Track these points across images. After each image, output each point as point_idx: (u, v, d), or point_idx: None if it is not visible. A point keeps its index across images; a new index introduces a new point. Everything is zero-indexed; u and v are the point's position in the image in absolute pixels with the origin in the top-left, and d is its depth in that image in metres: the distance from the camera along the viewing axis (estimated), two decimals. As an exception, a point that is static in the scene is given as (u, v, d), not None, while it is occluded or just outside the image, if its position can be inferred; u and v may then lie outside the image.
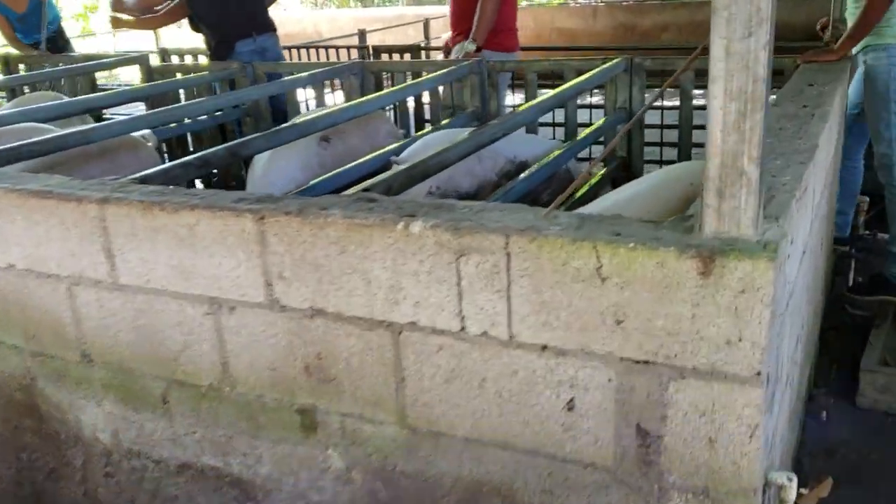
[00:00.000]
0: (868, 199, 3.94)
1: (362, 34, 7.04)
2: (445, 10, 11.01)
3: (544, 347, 1.30)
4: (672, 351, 1.20)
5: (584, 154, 3.83)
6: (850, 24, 2.93)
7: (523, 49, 4.54)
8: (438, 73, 3.58)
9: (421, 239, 1.33)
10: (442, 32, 9.63)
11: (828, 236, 2.74)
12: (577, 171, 3.23)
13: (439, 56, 4.82)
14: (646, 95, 3.38)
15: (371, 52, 5.60)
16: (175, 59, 6.07)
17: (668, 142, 3.69)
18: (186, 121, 4.20)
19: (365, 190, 1.80)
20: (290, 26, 9.93)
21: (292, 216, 1.44)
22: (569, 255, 1.23)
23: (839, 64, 2.84)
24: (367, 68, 3.96)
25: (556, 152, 2.91)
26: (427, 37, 8.86)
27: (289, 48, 5.86)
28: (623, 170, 3.44)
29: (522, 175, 2.64)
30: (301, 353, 1.53)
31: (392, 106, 4.12)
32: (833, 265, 3.37)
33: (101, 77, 6.42)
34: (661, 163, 3.68)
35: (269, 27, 4.65)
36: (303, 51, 6.05)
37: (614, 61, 3.28)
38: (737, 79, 1.08)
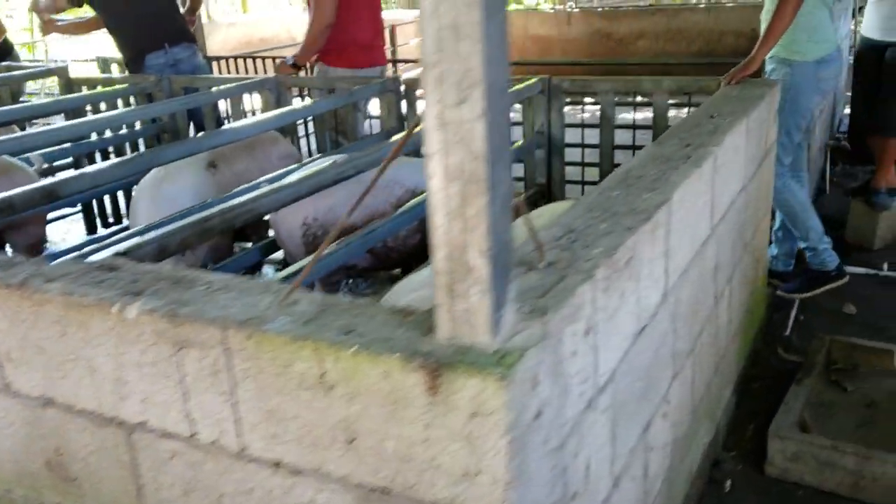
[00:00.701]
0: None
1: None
2: (412, 15, 10.82)
3: (277, 464, 1.09)
4: (408, 480, 0.99)
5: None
6: (762, 30, 2.76)
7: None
8: (356, 89, 3.37)
9: (138, 326, 1.12)
10: (411, 39, 9.44)
11: (747, 278, 2.53)
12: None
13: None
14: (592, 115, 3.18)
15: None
16: (115, 69, 5.87)
17: (589, 162, 3.49)
18: (94, 137, 4.02)
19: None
20: (264, 28, 9.74)
21: (13, 289, 1.23)
22: (291, 357, 1.02)
23: (761, 83, 2.64)
24: (282, 84, 3.75)
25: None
26: (393, 43, 8.65)
27: (225, 58, 5.66)
28: (543, 197, 3.23)
29: (399, 211, 2.42)
30: (40, 445, 1.32)
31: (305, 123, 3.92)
32: (770, 302, 3.16)
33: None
34: (582, 184, 3.48)
35: (184, 37, 4.42)
36: (248, 61, 5.83)
37: (529, 82, 3.07)
38: (454, 154, 0.87)
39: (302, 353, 1.01)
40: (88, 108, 4.08)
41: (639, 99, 3.19)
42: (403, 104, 3.48)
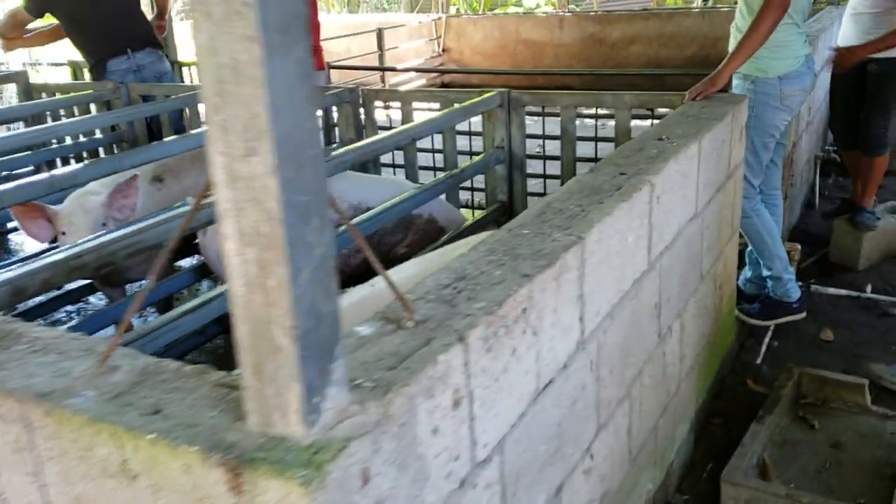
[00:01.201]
0: (799, 246, 3.60)
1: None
2: (404, 18, 10.70)
3: (89, 555, 0.95)
4: (220, 586, 0.85)
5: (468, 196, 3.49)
6: (732, 45, 2.61)
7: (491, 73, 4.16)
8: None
9: (-60, 394, 0.99)
10: (402, 42, 9.31)
11: (705, 309, 2.39)
12: (450, 217, 2.89)
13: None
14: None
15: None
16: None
17: (551, 174, 3.35)
18: (55, 144, 3.91)
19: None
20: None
21: None
22: (92, 440, 0.88)
23: (726, 99, 2.49)
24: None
25: (403, 196, 2.54)
26: (381, 48, 8.52)
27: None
28: (504, 215, 3.09)
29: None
30: None
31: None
32: (742, 329, 3.02)
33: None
34: (545, 178, 3.35)
35: (148, 42, 4.29)
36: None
37: (487, 95, 2.93)
38: (248, 215, 0.73)
39: (101, 436, 0.87)
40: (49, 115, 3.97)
41: (602, 112, 3.05)
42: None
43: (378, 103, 3.36)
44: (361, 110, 3.35)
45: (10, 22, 4.17)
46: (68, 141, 4.11)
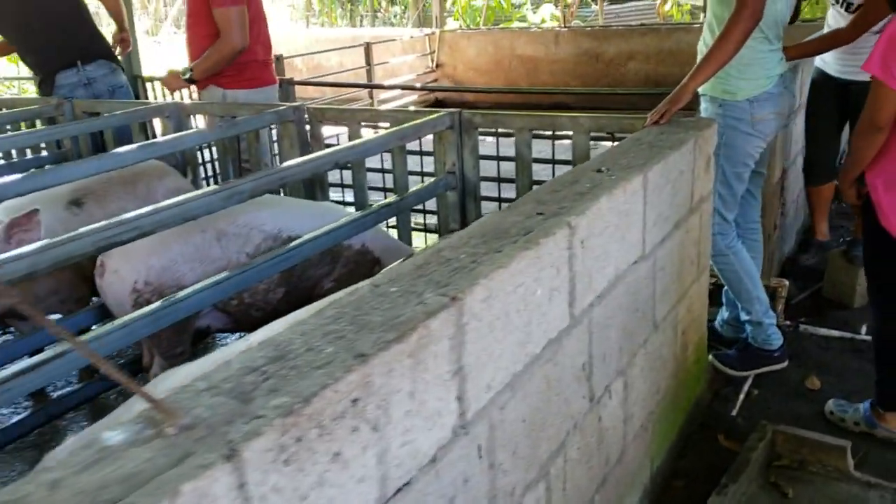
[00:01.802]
0: (787, 282, 3.34)
1: (278, 59, 6.52)
2: (398, 33, 10.51)
3: None
4: None
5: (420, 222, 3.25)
6: (699, 58, 2.35)
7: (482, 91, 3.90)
8: (248, 117, 3.02)
9: None
10: (395, 57, 9.13)
11: (662, 360, 2.13)
12: (388, 247, 2.65)
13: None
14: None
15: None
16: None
17: (506, 198, 3.11)
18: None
19: None
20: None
21: None
22: None
23: (690, 124, 2.24)
24: (182, 110, 3.41)
25: (331, 225, 2.29)
26: (369, 62, 8.33)
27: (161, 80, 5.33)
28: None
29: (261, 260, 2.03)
30: None
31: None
32: (710, 378, 2.75)
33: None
34: (499, 202, 3.11)
35: (100, 55, 4.10)
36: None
37: (435, 115, 2.69)
38: None
39: None
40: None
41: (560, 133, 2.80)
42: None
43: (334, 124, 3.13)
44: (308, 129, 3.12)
45: None
46: (14, 156, 3.92)
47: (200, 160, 3.74)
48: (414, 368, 1.03)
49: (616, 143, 2.09)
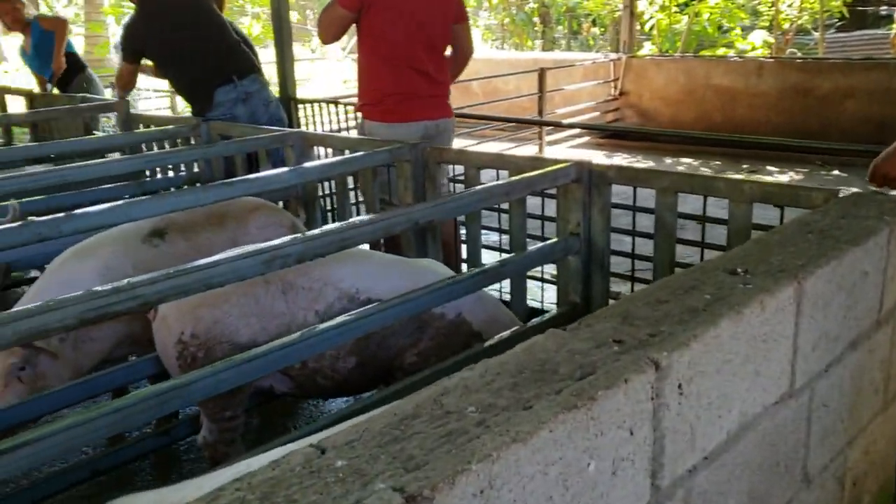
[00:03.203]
0: None
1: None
2: (579, 56, 10.07)
3: None
4: None
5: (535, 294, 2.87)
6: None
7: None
8: (354, 155, 2.81)
9: None
10: (576, 82, 8.75)
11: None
12: (490, 319, 2.30)
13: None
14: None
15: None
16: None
17: (640, 277, 2.65)
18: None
19: None
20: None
21: None
22: None
23: (887, 206, 1.71)
24: (305, 140, 3.26)
25: (419, 291, 1.97)
26: (542, 89, 8.00)
27: (311, 102, 5.32)
28: (576, 319, 2.42)
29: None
30: None
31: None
32: None
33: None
34: (632, 281, 2.65)
35: (252, 69, 4.18)
36: (333, 106, 5.44)
37: (560, 165, 2.31)
38: None
39: None
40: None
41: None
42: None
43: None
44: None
45: (123, 81, 4.18)
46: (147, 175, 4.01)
47: (321, 193, 3.59)
48: None
49: (771, 230, 1.61)
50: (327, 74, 16.16)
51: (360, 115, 3.49)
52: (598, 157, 7.25)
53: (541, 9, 18.39)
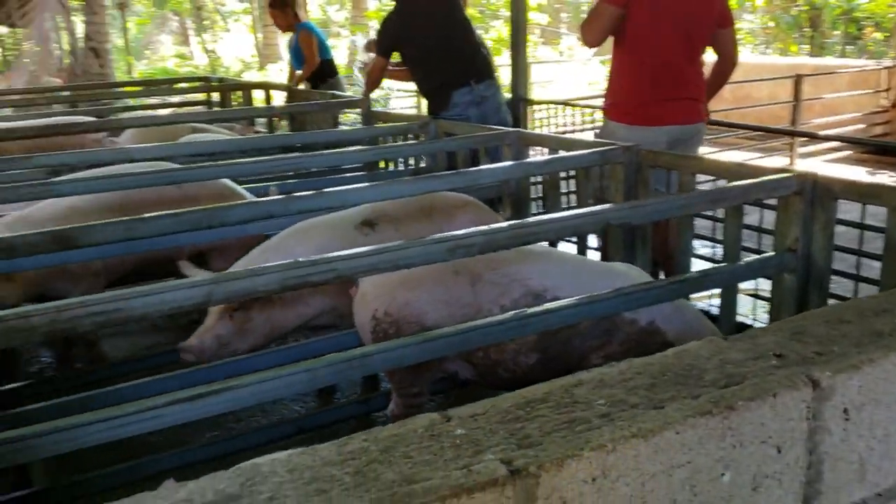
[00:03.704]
0: None
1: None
2: (836, 63, 9.16)
3: None
4: None
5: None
6: None
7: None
8: (562, 155, 2.85)
9: None
10: (833, 91, 8.08)
11: None
12: (687, 331, 2.24)
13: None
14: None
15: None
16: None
17: (866, 277, 2.39)
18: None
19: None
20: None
21: None
22: None
23: None
24: (522, 140, 3.35)
25: (607, 293, 1.96)
26: (797, 97, 7.44)
27: (538, 103, 5.38)
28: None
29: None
30: None
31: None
32: None
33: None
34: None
35: (489, 74, 4.39)
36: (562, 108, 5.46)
37: (778, 176, 2.18)
38: None
39: None
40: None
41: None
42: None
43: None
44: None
45: (374, 76, 4.56)
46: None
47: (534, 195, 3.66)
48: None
49: None
50: (571, 76, 16.22)
51: (602, 116, 3.52)
52: (859, 174, 6.63)
53: (810, 11, 17.04)
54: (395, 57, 4.58)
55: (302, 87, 5.90)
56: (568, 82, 15.70)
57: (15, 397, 2.50)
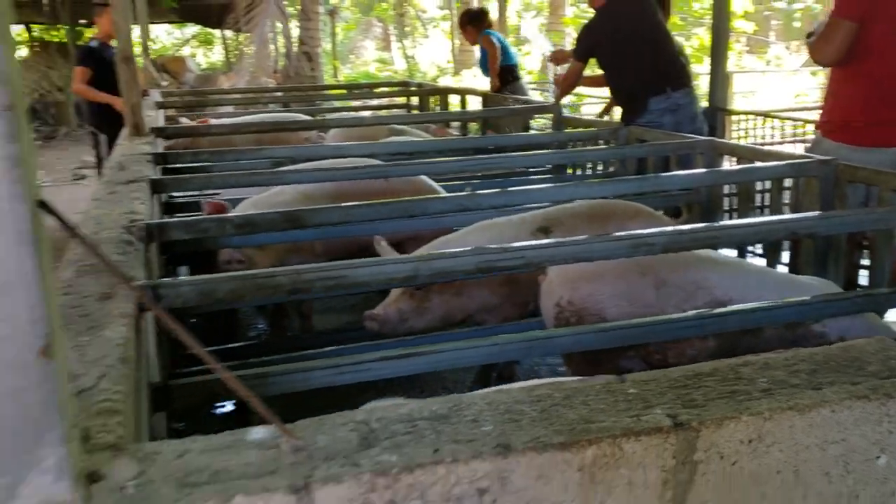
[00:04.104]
0: None
1: None
2: None
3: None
4: None
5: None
6: None
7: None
8: (760, 165, 2.86)
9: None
10: None
11: None
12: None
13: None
14: None
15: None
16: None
17: None
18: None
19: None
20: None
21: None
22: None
23: None
24: (715, 149, 3.38)
25: (789, 300, 2.02)
26: None
27: (736, 113, 5.28)
28: None
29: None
30: None
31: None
32: None
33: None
34: None
35: (686, 82, 4.41)
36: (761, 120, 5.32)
37: None
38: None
39: None
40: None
41: None
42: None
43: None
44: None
45: (569, 80, 4.73)
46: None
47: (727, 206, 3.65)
48: (586, 487, 0.91)
49: None
50: (777, 87, 15.48)
51: (815, 131, 3.40)
52: None
53: None
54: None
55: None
56: (773, 93, 15.02)
57: (234, 356, 2.91)
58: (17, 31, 18.78)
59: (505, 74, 6.20)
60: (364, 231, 2.78)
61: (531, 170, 4.19)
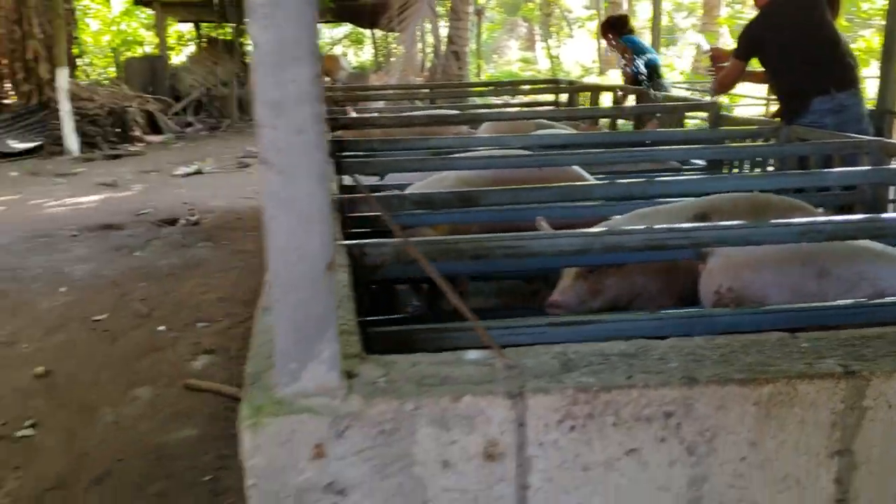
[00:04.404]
0: None
1: None
2: None
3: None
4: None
5: None
6: None
7: None
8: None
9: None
10: None
11: None
12: None
13: None
14: None
15: None
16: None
17: None
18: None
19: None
20: None
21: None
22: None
23: None
24: (883, 149, 3.32)
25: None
26: None
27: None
28: None
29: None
30: None
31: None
32: None
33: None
34: None
35: (853, 83, 4.31)
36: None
37: None
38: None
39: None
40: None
41: None
42: None
43: None
44: None
45: (729, 78, 4.71)
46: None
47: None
48: (762, 420, 1.04)
49: None
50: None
51: None
52: None
53: None
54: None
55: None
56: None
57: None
58: (188, 28, 20.33)
59: (651, 70, 6.22)
60: (526, 216, 2.96)
61: (685, 167, 4.22)
